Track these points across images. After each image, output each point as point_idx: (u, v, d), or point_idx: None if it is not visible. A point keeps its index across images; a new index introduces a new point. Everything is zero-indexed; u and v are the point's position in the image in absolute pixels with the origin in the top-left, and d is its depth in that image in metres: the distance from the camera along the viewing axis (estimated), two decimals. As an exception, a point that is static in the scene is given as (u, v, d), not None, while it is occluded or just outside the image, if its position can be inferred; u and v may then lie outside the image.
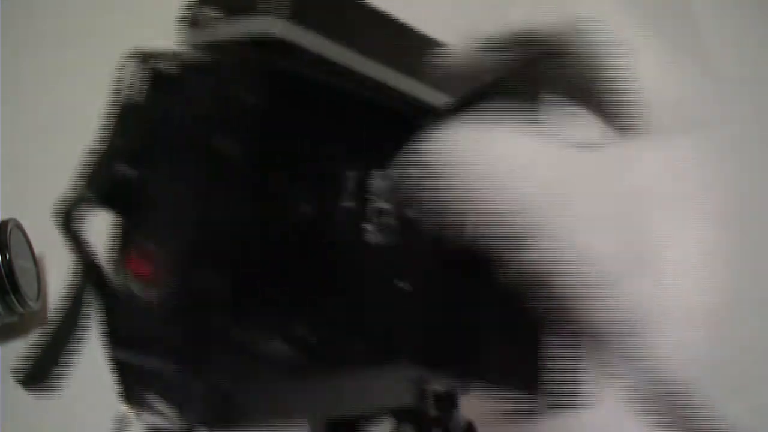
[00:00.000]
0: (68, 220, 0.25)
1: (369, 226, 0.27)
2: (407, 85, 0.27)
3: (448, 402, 0.29)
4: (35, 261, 0.51)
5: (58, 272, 0.54)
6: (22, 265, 0.49)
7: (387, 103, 0.27)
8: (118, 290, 0.24)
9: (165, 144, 0.24)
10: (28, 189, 0.56)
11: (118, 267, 0.25)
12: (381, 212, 0.27)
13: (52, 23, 0.64)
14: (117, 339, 0.24)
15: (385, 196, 0.27)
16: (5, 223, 0.49)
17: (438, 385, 0.28)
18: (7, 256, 0.47)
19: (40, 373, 0.23)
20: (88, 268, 0.25)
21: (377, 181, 0.27)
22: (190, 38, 0.25)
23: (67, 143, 0.59)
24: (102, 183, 0.24)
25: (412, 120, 0.27)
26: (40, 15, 0.64)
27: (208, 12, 0.24)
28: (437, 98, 0.28)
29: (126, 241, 0.25)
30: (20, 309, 0.48)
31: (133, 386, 0.24)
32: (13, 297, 0.47)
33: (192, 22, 0.25)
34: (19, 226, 0.50)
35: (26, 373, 0.23)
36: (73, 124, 0.59)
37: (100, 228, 0.26)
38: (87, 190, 0.25)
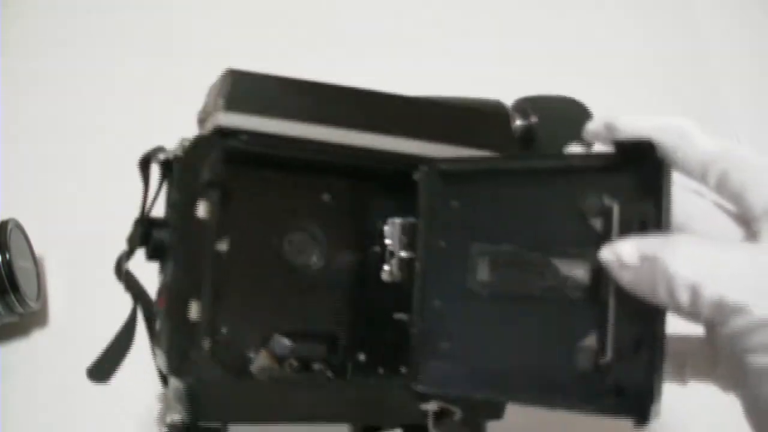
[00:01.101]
0: (120, 266, 0.33)
1: (385, 267, 0.34)
2: (376, 141, 0.32)
3: (446, 419, 0.32)
4: (35, 261, 0.51)
5: (58, 272, 0.54)
6: (22, 265, 0.49)
7: (352, 161, 0.32)
8: (155, 316, 0.33)
9: (167, 214, 0.33)
10: (28, 189, 0.56)
11: (155, 299, 0.34)
12: (392, 255, 0.34)
13: (53, 23, 0.64)
14: (154, 350, 0.34)
15: (394, 240, 0.34)
16: (5, 223, 0.49)
17: (434, 405, 0.31)
18: (7, 256, 0.47)
19: (104, 369, 0.33)
20: (137, 298, 0.34)
21: (389, 227, 0.34)
22: (199, 132, 0.33)
23: (67, 143, 0.59)
24: (138, 241, 0.32)
25: (405, 172, 0.32)
26: (40, 15, 0.64)
27: (203, 112, 0.33)
28: (432, 150, 0.32)
29: (161, 281, 0.33)
30: (20, 309, 0.48)
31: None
32: (13, 297, 0.47)
33: (199, 121, 0.33)
34: (19, 226, 0.50)
35: (94, 369, 0.33)
36: (73, 125, 0.59)
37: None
38: (130, 246, 0.33)
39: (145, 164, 0.33)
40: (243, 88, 0.31)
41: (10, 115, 0.59)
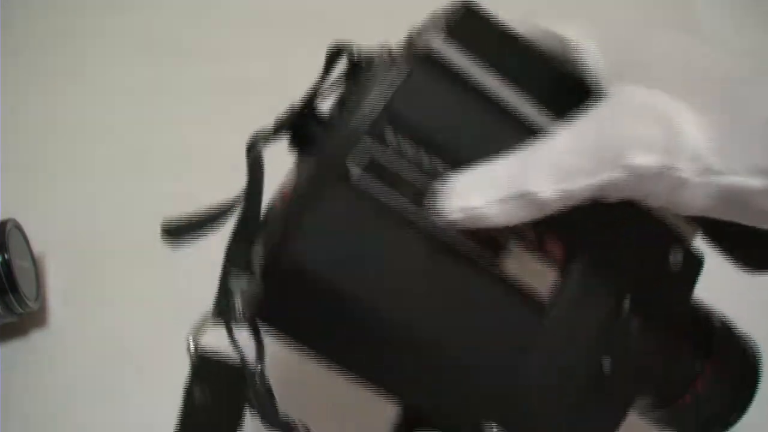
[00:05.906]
0: (254, 146, 0.30)
1: None
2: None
3: None
4: (34, 261, 0.51)
5: (58, 272, 0.54)
6: (21, 265, 0.49)
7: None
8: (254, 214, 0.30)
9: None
10: (28, 189, 0.56)
11: (276, 196, 0.30)
12: None
13: (53, 23, 0.64)
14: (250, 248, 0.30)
15: None
16: (5, 223, 0.48)
17: None
18: (7, 256, 0.47)
19: (180, 229, 0.29)
20: (251, 184, 0.30)
21: None
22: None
23: (67, 143, 0.59)
24: (289, 125, 0.30)
25: None
26: (40, 15, 0.64)
27: (416, 32, 0.29)
28: None
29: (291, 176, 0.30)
30: (19, 309, 0.48)
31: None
32: (12, 297, 0.47)
33: (407, 41, 0.29)
34: (18, 226, 0.50)
35: (170, 226, 0.29)
36: (73, 125, 0.59)
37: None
38: (276, 127, 0.29)
39: (334, 56, 0.30)
40: (471, 25, 0.28)
41: (10, 115, 0.59)
